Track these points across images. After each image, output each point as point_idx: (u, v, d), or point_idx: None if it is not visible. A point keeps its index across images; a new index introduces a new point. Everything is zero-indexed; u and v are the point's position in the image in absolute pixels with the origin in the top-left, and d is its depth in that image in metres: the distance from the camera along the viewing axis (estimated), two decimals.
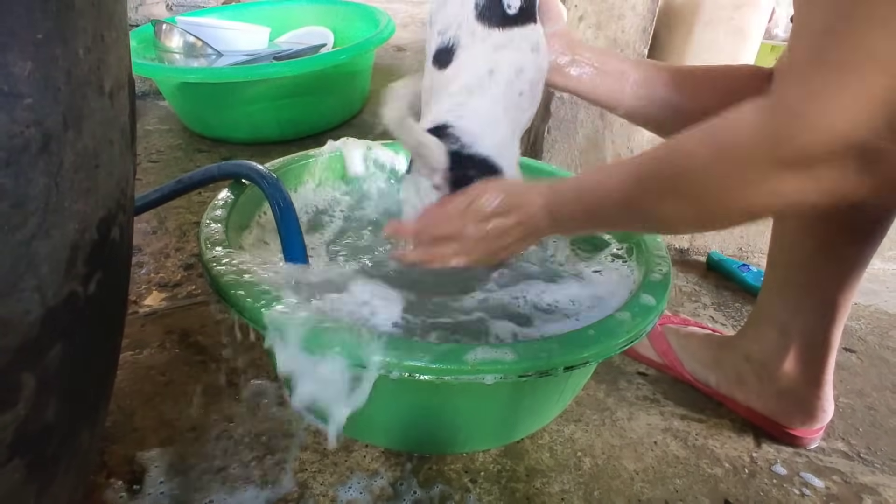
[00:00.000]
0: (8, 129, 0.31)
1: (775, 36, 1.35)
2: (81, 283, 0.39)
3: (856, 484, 0.74)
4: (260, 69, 1.46)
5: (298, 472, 0.68)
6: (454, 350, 0.56)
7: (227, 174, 0.81)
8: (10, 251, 0.33)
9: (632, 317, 0.63)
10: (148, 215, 1.17)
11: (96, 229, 0.40)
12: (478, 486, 0.68)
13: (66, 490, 0.45)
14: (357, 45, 1.54)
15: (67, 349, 0.39)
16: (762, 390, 0.78)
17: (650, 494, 0.70)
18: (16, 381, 0.35)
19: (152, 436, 0.71)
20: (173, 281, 1.00)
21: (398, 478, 0.68)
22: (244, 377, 0.80)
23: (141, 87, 1.78)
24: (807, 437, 0.78)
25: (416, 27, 2.63)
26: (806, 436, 0.78)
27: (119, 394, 0.76)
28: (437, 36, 0.69)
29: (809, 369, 0.75)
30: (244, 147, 1.52)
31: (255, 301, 0.59)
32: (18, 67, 0.31)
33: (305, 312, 0.57)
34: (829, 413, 0.77)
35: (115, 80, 0.41)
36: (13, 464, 0.37)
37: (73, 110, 0.35)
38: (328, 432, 0.58)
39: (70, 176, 0.36)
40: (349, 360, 0.55)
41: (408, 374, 0.54)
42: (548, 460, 0.72)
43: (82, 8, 0.36)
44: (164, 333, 0.87)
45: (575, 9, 1.07)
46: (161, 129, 1.61)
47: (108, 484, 0.65)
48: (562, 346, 0.58)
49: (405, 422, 0.69)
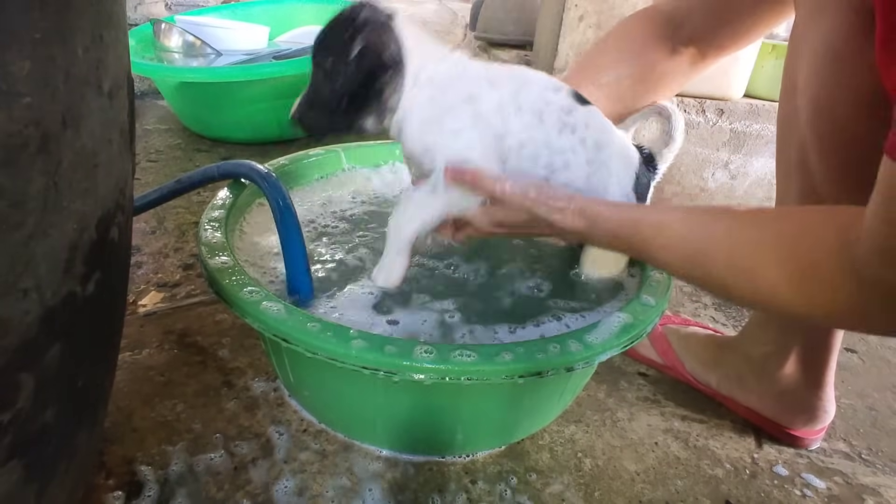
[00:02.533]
0: (6, 129, 0.31)
1: (776, 35, 1.35)
2: (80, 283, 0.39)
3: (857, 485, 0.74)
4: (259, 69, 1.46)
5: (298, 473, 0.68)
6: (445, 349, 0.56)
7: (227, 174, 0.81)
8: (8, 251, 0.33)
9: (632, 317, 0.63)
10: (147, 215, 1.17)
11: (95, 229, 0.40)
12: (478, 486, 0.68)
13: (65, 491, 0.45)
14: None
15: (66, 349, 0.39)
16: (763, 391, 0.78)
17: (651, 495, 0.69)
18: (14, 382, 0.35)
19: (151, 436, 0.71)
20: (172, 281, 0.99)
21: (398, 479, 0.68)
22: (243, 377, 0.80)
23: (140, 87, 1.78)
24: (808, 438, 0.78)
25: None
26: (807, 437, 0.77)
27: (118, 394, 0.75)
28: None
29: (811, 370, 0.75)
30: (243, 147, 1.52)
31: (253, 300, 0.59)
32: (17, 67, 0.31)
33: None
34: (830, 414, 0.76)
35: (113, 79, 0.40)
36: (12, 464, 0.37)
37: (71, 110, 0.35)
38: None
39: (68, 175, 0.36)
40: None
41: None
42: (548, 461, 0.72)
43: (81, 7, 0.35)
44: (162, 333, 0.87)
45: (575, 8, 1.07)
46: (160, 129, 1.61)
47: (106, 485, 0.65)
48: (561, 346, 0.58)
49: (405, 422, 0.68)
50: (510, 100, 0.65)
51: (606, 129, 0.70)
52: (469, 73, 0.66)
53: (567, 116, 0.67)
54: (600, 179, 0.68)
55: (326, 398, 0.71)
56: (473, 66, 0.67)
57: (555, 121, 0.66)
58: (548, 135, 0.66)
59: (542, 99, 0.66)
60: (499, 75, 0.67)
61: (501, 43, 1.69)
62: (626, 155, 0.71)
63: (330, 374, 0.65)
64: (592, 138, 0.67)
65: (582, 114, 0.67)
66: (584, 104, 0.68)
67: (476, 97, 0.65)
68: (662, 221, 0.57)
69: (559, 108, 0.66)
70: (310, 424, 0.74)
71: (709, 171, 1.32)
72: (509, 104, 0.65)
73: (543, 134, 0.66)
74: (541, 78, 0.68)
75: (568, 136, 0.66)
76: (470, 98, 0.64)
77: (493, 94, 0.65)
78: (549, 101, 0.66)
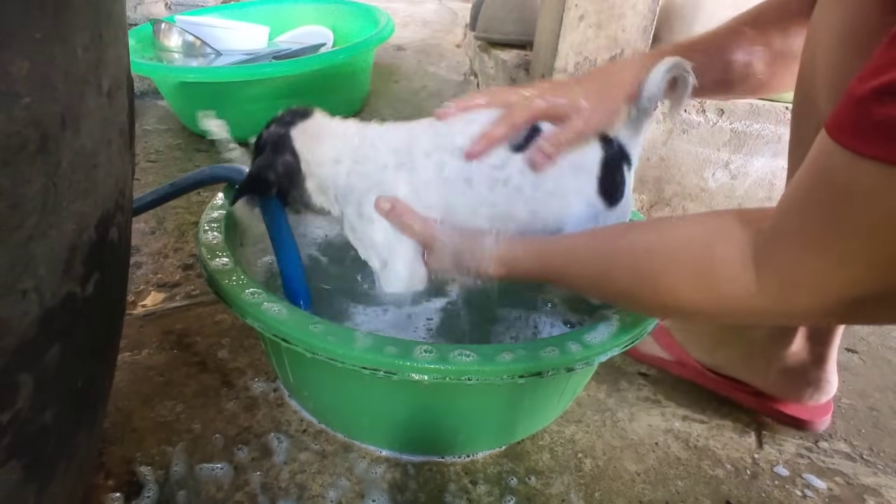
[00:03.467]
0: (5, 129, 0.31)
1: None
2: (79, 283, 0.39)
3: (858, 485, 0.74)
4: (259, 69, 1.46)
5: (298, 474, 0.68)
6: (445, 349, 0.56)
7: (219, 178, 0.81)
8: (7, 252, 0.33)
9: (632, 317, 0.63)
10: (147, 215, 1.16)
11: (94, 229, 0.40)
12: (478, 487, 0.68)
13: (65, 491, 0.45)
14: (356, 44, 1.54)
15: (66, 350, 0.39)
16: (769, 371, 0.78)
17: (651, 496, 0.69)
18: (14, 382, 0.35)
19: (151, 437, 0.71)
20: (172, 281, 0.99)
21: (398, 479, 0.68)
22: (243, 378, 0.80)
23: (139, 87, 1.77)
24: (816, 421, 0.78)
25: (415, 26, 2.63)
26: (815, 419, 0.78)
27: (117, 394, 0.75)
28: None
29: (816, 346, 0.75)
30: (243, 147, 1.51)
31: (253, 300, 0.59)
32: (16, 67, 0.31)
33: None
34: (834, 385, 0.77)
35: (113, 79, 0.40)
36: (11, 464, 0.37)
37: (71, 110, 0.35)
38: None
39: (68, 176, 0.36)
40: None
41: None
42: (548, 461, 0.72)
43: (80, 7, 0.35)
44: (162, 334, 0.87)
45: (575, 8, 1.07)
46: (160, 129, 1.61)
47: (106, 485, 0.65)
48: (562, 346, 0.58)
49: (405, 423, 0.68)
50: (434, 177, 0.67)
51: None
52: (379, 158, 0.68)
53: (498, 172, 0.66)
54: (551, 209, 0.67)
55: (326, 398, 0.71)
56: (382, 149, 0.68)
57: (485, 179, 0.66)
58: (477, 197, 0.67)
59: (467, 167, 0.66)
60: (412, 155, 0.67)
61: (501, 43, 1.68)
62: (578, 166, 0.67)
63: (330, 375, 0.65)
64: (529, 180, 0.66)
65: (516, 163, 0.66)
66: (523, 148, 0.66)
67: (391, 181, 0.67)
68: (571, 248, 0.60)
69: (490, 166, 0.66)
70: (309, 425, 0.74)
71: (709, 171, 1.32)
72: (433, 182, 0.67)
73: (472, 198, 0.67)
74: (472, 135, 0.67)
75: (501, 189, 0.66)
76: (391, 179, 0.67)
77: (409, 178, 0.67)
78: (478, 163, 0.66)
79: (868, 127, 0.34)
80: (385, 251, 0.68)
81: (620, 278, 0.54)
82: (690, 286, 0.48)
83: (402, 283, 0.69)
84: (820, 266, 0.39)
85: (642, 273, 0.51)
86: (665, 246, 0.51)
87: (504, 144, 0.66)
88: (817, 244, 0.39)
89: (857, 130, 0.35)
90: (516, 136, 0.66)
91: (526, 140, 0.66)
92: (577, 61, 1.15)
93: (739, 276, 0.44)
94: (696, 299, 0.48)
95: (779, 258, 0.42)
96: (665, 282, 0.50)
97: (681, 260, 0.49)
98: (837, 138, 0.36)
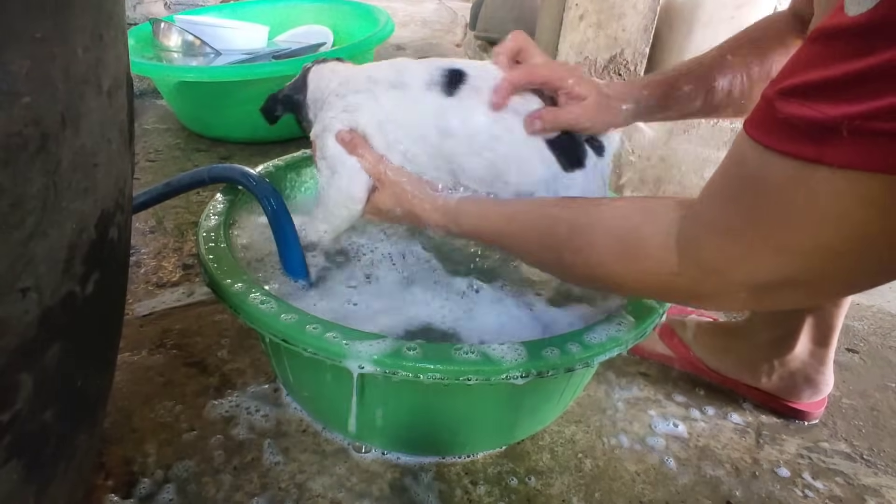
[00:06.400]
0: (6, 128, 0.31)
1: None
2: (79, 282, 0.39)
3: (858, 485, 0.74)
4: (259, 68, 1.46)
5: (298, 474, 0.68)
6: (443, 349, 0.56)
7: (218, 179, 0.80)
8: (7, 251, 0.32)
9: (634, 317, 0.63)
10: (146, 215, 1.16)
11: (94, 229, 0.40)
12: (478, 487, 0.68)
13: (65, 491, 0.45)
14: (356, 43, 1.54)
15: (65, 349, 0.39)
16: (772, 373, 0.81)
17: (651, 496, 0.69)
18: (13, 382, 0.35)
19: (151, 437, 0.71)
20: (171, 281, 0.99)
21: (398, 480, 0.68)
22: (242, 378, 0.80)
23: (139, 86, 1.77)
24: (813, 412, 0.82)
25: (415, 26, 2.63)
26: (812, 409, 0.81)
27: (117, 394, 0.75)
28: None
29: (818, 349, 0.78)
30: (243, 146, 1.51)
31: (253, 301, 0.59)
32: (16, 66, 0.31)
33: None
34: (830, 384, 0.81)
35: (113, 78, 0.40)
36: (11, 464, 0.37)
37: (71, 109, 0.35)
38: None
39: (68, 175, 0.36)
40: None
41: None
42: (548, 461, 0.72)
43: (81, 7, 0.35)
44: (162, 334, 0.87)
45: (576, 7, 1.07)
46: (159, 129, 1.61)
47: (106, 485, 0.64)
48: (562, 346, 0.58)
49: (405, 423, 0.68)
50: (394, 109, 0.68)
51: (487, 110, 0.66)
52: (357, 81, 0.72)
53: (441, 121, 0.66)
54: (509, 164, 0.66)
55: (326, 398, 0.71)
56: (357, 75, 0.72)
57: (431, 130, 0.67)
58: (431, 148, 0.67)
59: (421, 108, 0.67)
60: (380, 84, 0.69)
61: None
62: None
63: (329, 375, 0.65)
64: (483, 131, 0.66)
65: (456, 110, 0.66)
66: (455, 89, 0.66)
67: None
68: (513, 213, 0.61)
69: (432, 114, 0.66)
70: (309, 425, 0.74)
71: (709, 171, 1.32)
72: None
73: (425, 148, 0.68)
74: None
75: (449, 141, 0.66)
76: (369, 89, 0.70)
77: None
78: (422, 113, 0.67)
79: (775, 124, 0.37)
80: (335, 162, 0.70)
81: (558, 247, 0.55)
82: (616, 261, 0.50)
83: (342, 196, 0.70)
84: (736, 252, 0.41)
85: (576, 244, 0.53)
86: (601, 220, 0.53)
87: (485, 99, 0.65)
88: (733, 232, 0.41)
89: (766, 127, 0.38)
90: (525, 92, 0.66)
91: (455, 84, 0.66)
92: (577, 61, 1.15)
93: (662, 257, 0.46)
94: (621, 273, 0.51)
95: (698, 242, 0.44)
96: (595, 253, 0.52)
97: (613, 235, 0.51)
98: (751, 134, 0.39)
